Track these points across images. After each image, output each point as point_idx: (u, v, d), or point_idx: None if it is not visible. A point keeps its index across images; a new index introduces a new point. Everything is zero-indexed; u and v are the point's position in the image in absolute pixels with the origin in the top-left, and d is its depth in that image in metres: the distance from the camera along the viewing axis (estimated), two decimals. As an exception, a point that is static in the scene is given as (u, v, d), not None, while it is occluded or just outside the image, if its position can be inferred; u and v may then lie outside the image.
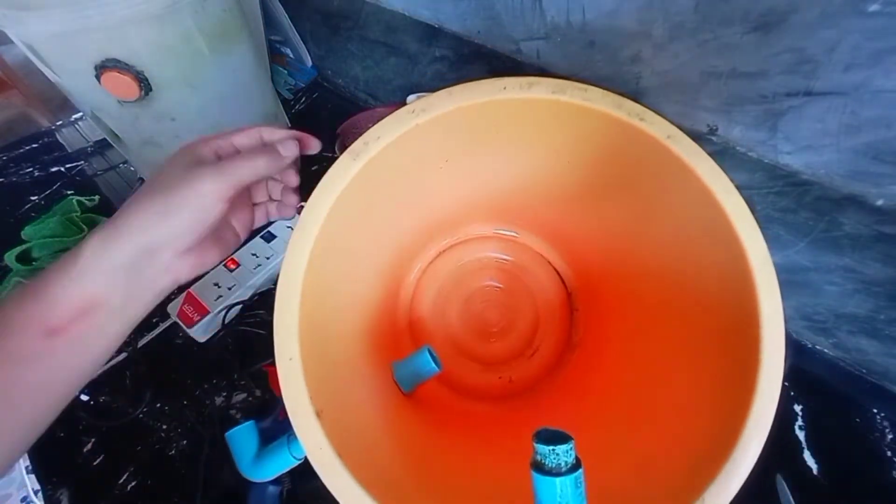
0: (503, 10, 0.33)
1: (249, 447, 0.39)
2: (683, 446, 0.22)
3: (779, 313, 0.21)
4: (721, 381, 0.23)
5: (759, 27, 0.23)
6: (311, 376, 0.24)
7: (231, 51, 0.54)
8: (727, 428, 0.20)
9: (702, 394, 0.24)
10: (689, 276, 0.26)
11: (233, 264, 0.52)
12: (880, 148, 0.23)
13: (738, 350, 0.22)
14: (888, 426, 0.41)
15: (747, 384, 0.21)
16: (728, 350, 0.23)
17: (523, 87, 0.27)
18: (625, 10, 0.27)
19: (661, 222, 0.27)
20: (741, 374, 0.21)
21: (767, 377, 0.21)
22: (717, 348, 0.24)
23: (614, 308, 0.38)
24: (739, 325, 0.22)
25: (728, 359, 0.23)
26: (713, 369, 0.24)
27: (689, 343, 0.26)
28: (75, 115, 0.78)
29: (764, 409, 0.20)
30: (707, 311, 0.25)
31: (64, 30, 0.41)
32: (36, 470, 0.44)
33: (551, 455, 0.21)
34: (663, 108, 0.30)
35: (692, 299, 0.26)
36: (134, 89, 0.47)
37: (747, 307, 0.21)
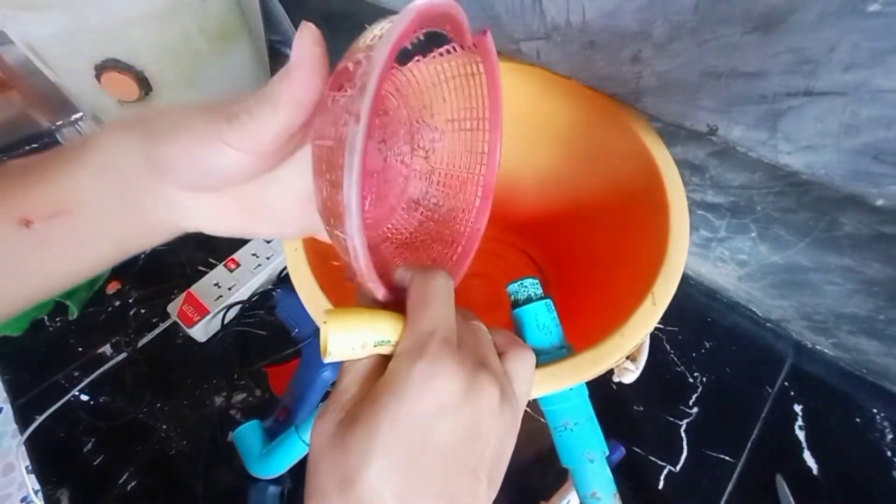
0: (503, 10, 0.33)
1: (256, 445, 0.39)
2: (633, 281, 0.30)
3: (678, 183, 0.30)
4: (648, 239, 0.30)
5: (759, 27, 0.23)
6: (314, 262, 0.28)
7: (231, 51, 0.54)
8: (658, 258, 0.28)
9: (639, 251, 0.31)
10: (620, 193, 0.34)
11: (233, 264, 0.52)
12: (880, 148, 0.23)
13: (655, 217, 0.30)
14: (888, 426, 0.41)
15: (664, 234, 0.29)
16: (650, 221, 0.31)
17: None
18: (625, 10, 0.27)
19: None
20: (660, 229, 0.29)
21: (676, 230, 0.28)
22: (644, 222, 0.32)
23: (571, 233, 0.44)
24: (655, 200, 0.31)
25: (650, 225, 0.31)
26: (643, 237, 0.31)
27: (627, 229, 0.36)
28: (75, 115, 0.78)
29: (678, 244, 0.28)
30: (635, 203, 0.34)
31: (64, 30, 0.41)
32: (36, 470, 0.44)
33: (521, 289, 0.27)
34: (663, 108, 0.30)
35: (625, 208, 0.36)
36: (134, 89, 0.47)
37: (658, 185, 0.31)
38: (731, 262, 0.46)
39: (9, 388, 0.49)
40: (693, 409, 0.43)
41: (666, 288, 0.26)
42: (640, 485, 0.40)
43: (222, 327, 0.50)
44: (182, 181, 0.20)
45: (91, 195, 0.20)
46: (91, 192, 0.20)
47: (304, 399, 0.41)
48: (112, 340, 0.51)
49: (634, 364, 0.41)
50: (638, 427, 0.42)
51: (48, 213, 0.19)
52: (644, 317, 0.26)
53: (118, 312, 0.53)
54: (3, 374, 0.49)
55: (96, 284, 0.55)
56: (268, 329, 0.50)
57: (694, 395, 0.44)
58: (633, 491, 0.40)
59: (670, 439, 0.42)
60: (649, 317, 0.26)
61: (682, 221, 0.29)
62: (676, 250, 0.28)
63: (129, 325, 0.52)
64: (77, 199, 0.20)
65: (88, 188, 0.20)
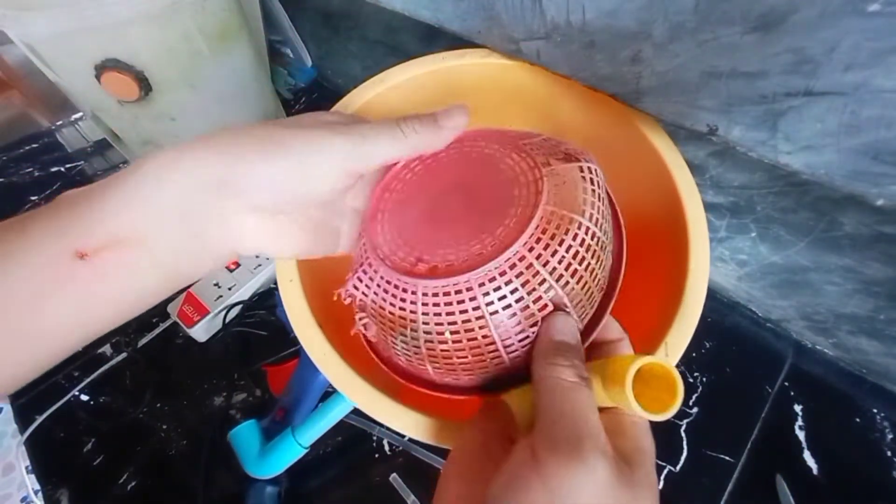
0: (503, 9, 0.33)
1: (253, 445, 0.39)
2: (646, 320, 0.27)
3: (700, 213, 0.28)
4: (665, 273, 0.28)
5: (759, 27, 0.23)
6: (311, 294, 0.27)
7: (231, 51, 0.53)
8: (674, 299, 0.26)
9: (653, 285, 0.29)
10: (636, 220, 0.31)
11: (233, 264, 0.52)
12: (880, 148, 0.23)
13: (674, 249, 0.28)
14: (888, 426, 0.41)
15: (682, 269, 0.26)
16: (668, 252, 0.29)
17: (457, 56, 0.36)
18: (625, 9, 0.27)
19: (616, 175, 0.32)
20: (679, 263, 0.27)
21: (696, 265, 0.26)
22: (662, 253, 0.30)
23: None
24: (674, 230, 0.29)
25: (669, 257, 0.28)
26: (661, 265, 0.29)
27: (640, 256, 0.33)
28: (75, 115, 0.78)
29: (696, 291, 0.26)
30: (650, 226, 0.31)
31: (64, 30, 0.41)
32: (36, 470, 0.44)
33: None
34: (663, 108, 0.30)
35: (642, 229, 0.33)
36: (134, 89, 0.47)
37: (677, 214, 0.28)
38: (731, 262, 0.46)
39: (9, 388, 0.49)
40: (693, 409, 0.43)
41: (681, 338, 0.24)
42: (640, 485, 0.40)
43: (222, 327, 0.50)
44: (259, 202, 0.20)
45: (150, 223, 0.19)
46: (150, 220, 0.19)
47: (302, 400, 0.41)
48: (112, 340, 0.51)
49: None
50: (638, 427, 0.42)
51: (104, 245, 0.18)
52: None
53: (118, 312, 0.53)
54: (3, 374, 0.49)
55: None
56: (268, 329, 0.50)
57: (694, 395, 0.44)
58: (633, 491, 0.40)
59: (670, 439, 0.42)
60: None
61: (702, 254, 0.26)
62: (694, 291, 0.25)
63: (129, 325, 0.51)
64: (135, 228, 0.19)
65: (147, 216, 0.19)
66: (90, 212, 0.18)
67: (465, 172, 0.22)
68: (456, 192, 0.21)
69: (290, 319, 0.26)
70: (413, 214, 0.21)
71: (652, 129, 0.31)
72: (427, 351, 0.20)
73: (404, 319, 0.20)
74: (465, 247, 0.19)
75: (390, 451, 0.42)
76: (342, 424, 0.39)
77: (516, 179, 0.21)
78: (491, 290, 0.18)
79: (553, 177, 0.20)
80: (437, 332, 0.19)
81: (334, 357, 0.25)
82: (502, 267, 0.18)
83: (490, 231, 0.19)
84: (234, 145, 0.19)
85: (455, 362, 0.20)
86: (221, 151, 0.19)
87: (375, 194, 0.23)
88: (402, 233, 0.21)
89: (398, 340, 0.21)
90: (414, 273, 0.19)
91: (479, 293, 0.18)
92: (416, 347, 0.20)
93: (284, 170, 0.19)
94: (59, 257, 0.18)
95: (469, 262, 0.19)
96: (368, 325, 0.22)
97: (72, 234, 0.18)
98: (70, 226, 0.18)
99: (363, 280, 0.21)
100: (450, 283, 0.18)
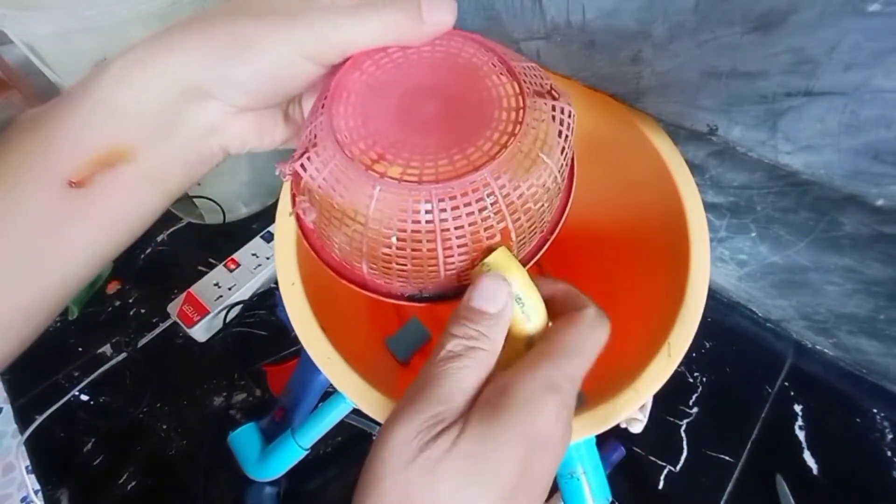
0: (503, 9, 0.33)
1: (253, 448, 0.39)
2: (648, 322, 0.27)
3: (702, 225, 0.28)
4: (666, 273, 0.28)
5: (759, 27, 0.23)
6: (313, 298, 0.26)
7: (231, 51, 0.54)
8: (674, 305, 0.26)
9: (655, 285, 0.29)
10: (636, 220, 0.31)
11: (233, 264, 0.52)
12: (880, 148, 0.23)
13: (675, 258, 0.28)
14: (888, 426, 0.41)
15: (683, 269, 0.26)
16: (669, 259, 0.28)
17: None
18: (625, 9, 0.27)
19: (615, 182, 0.32)
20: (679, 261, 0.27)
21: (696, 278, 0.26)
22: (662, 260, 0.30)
23: (579, 260, 0.41)
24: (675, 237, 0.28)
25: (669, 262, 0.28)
26: (662, 265, 0.29)
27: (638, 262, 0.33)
28: (75, 115, 0.78)
29: (697, 291, 0.26)
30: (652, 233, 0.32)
31: (64, 30, 0.41)
32: (36, 470, 0.44)
33: None
34: (663, 108, 0.30)
35: (638, 236, 0.33)
36: (134, 89, 0.47)
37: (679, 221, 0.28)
38: (731, 262, 0.46)
39: (9, 388, 0.49)
40: (693, 409, 0.43)
41: (683, 338, 0.25)
42: (640, 485, 0.40)
43: (223, 327, 0.50)
44: (237, 102, 0.19)
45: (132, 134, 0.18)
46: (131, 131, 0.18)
47: (302, 400, 0.41)
48: (112, 340, 0.51)
49: (642, 412, 0.41)
50: (638, 427, 0.42)
51: (91, 167, 0.17)
52: (659, 370, 0.24)
53: (118, 312, 0.53)
54: (3, 374, 0.49)
55: (96, 284, 0.55)
56: (268, 329, 0.50)
57: (694, 395, 0.44)
58: (633, 491, 0.40)
59: (670, 439, 0.42)
60: (664, 370, 0.24)
61: (703, 255, 0.27)
62: (696, 291, 0.25)
63: (129, 325, 0.52)
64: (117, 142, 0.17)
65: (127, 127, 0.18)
66: (65, 133, 0.17)
67: (448, 76, 0.21)
68: (435, 95, 0.20)
69: (293, 323, 0.26)
70: (383, 105, 0.20)
71: (652, 129, 0.31)
72: (368, 250, 0.19)
73: (352, 215, 0.19)
74: (431, 157, 0.19)
75: (390, 451, 0.42)
76: (342, 424, 0.39)
77: (500, 101, 0.20)
78: (449, 207, 0.18)
79: (534, 111, 0.20)
80: (383, 236, 0.19)
81: (339, 362, 0.25)
82: (465, 188, 0.18)
83: (461, 148, 0.19)
84: (204, 42, 0.18)
85: (393, 267, 0.20)
86: (192, 50, 0.17)
87: (344, 68, 0.20)
88: (367, 122, 0.19)
89: (339, 233, 0.20)
90: (373, 170, 0.18)
91: (436, 207, 0.18)
92: (357, 245, 0.20)
93: (257, 70, 0.18)
94: (51, 191, 0.17)
95: (434, 174, 0.18)
96: (308, 210, 0.21)
97: (54, 162, 0.17)
98: (49, 153, 0.17)
99: (314, 162, 0.19)
100: (408, 190, 0.18)
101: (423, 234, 0.18)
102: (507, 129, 0.19)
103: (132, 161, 0.18)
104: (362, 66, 0.20)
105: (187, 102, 0.18)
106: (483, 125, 0.19)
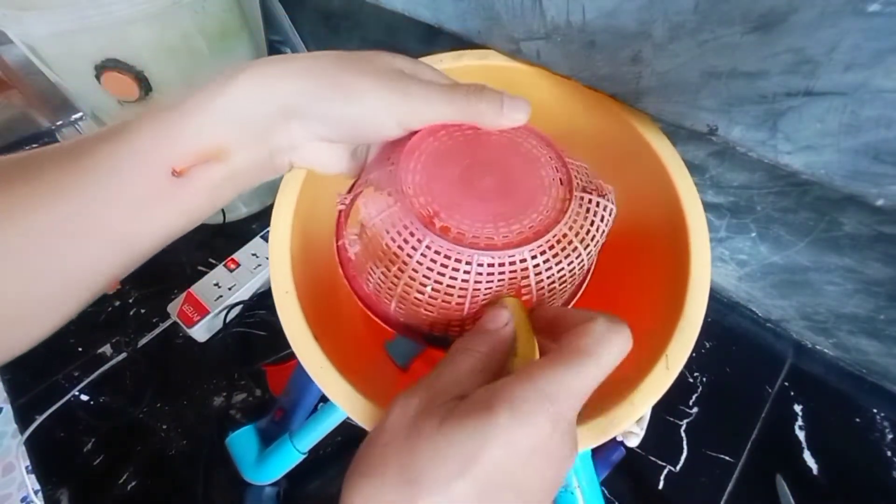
0: (503, 9, 0.33)
1: (251, 451, 0.39)
2: (645, 331, 0.27)
3: (703, 224, 0.28)
4: (666, 282, 0.28)
5: (759, 27, 0.23)
6: (307, 305, 0.26)
7: (231, 51, 0.53)
8: (674, 311, 0.26)
9: (653, 295, 0.29)
10: (635, 227, 0.31)
11: (233, 264, 0.52)
12: (880, 148, 0.23)
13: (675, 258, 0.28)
14: (888, 426, 0.41)
15: (683, 279, 0.26)
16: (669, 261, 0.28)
17: (455, 58, 0.35)
18: (625, 9, 0.27)
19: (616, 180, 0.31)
20: (680, 274, 0.27)
21: (697, 280, 0.26)
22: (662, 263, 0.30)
23: None
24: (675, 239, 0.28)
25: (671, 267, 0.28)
26: (661, 274, 0.29)
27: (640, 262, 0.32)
28: (75, 115, 0.78)
29: (697, 302, 0.26)
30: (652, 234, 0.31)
31: (64, 30, 0.41)
32: (36, 470, 0.44)
33: None
34: (663, 108, 0.30)
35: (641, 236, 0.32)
36: (134, 89, 0.47)
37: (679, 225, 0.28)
38: (731, 262, 0.46)
39: (9, 388, 0.49)
40: (693, 409, 0.43)
41: (681, 350, 0.24)
42: (640, 485, 0.40)
43: (223, 327, 0.50)
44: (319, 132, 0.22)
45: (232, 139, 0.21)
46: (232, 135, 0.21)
47: (301, 400, 0.41)
48: (112, 340, 0.51)
49: (639, 425, 0.40)
50: (638, 427, 0.42)
51: (193, 160, 0.20)
52: (656, 383, 0.24)
53: (118, 312, 0.53)
54: (3, 374, 0.49)
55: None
56: (268, 329, 0.50)
57: (694, 395, 0.44)
58: (633, 491, 0.40)
59: (670, 439, 0.42)
60: (661, 383, 0.24)
61: (703, 265, 0.26)
62: (695, 301, 0.25)
63: (129, 325, 0.52)
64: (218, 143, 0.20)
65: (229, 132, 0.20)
66: (181, 130, 0.20)
67: (510, 159, 0.23)
68: (494, 171, 0.23)
69: (286, 332, 0.26)
70: (447, 170, 0.22)
71: (653, 133, 0.31)
72: (401, 292, 0.21)
73: (396, 258, 0.21)
74: (479, 225, 0.21)
75: (390, 451, 0.42)
76: (342, 425, 0.39)
77: (550, 189, 0.22)
78: (485, 273, 0.20)
79: (577, 202, 0.22)
80: (420, 283, 0.21)
81: (332, 371, 0.24)
82: (504, 259, 0.20)
83: (507, 222, 0.21)
84: (310, 78, 0.21)
85: (421, 311, 0.22)
86: (298, 81, 0.21)
87: (422, 132, 0.23)
88: (430, 181, 0.22)
89: (378, 271, 0.22)
90: (427, 224, 0.20)
91: (473, 269, 0.20)
92: (392, 285, 0.22)
93: (346, 114, 0.21)
94: (158, 174, 0.19)
95: (477, 240, 0.20)
96: (354, 242, 0.23)
97: (166, 151, 0.20)
98: (165, 143, 0.20)
99: (376, 202, 0.22)
100: (454, 249, 0.20)
101: (455, 290, 0.20)
102: (550, 216, 0.21)
103: (224, 160, 0.21)
104: (437, 133, 0.23)
105: (282, 121, 0.21)
106: (532, 206, 0.21)
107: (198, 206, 0.21)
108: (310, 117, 0.21)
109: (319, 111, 0.21)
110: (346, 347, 0.26)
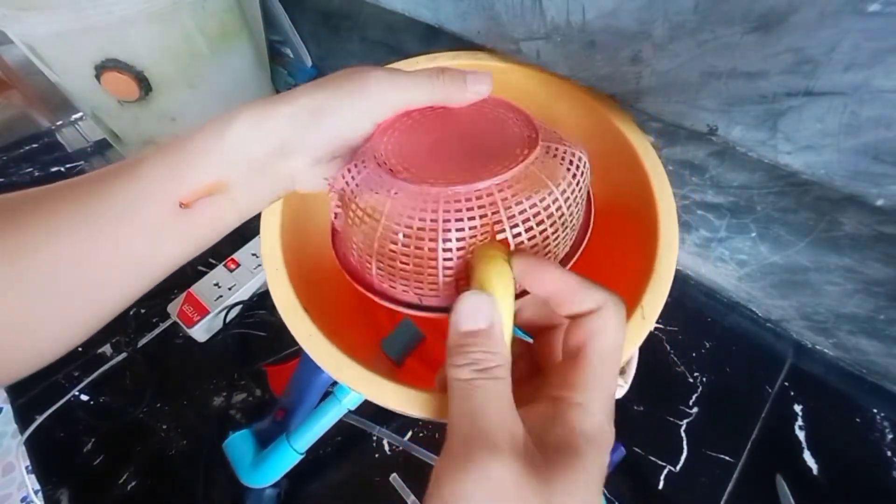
0: (503, 9, 0.33)
1: (247, 454, 0.39)
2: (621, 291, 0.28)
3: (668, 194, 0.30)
4: (639, 245, 0.30)
5: (759, 27, 0.23)
6: (296, 281, 0.28)
7: (231, 51, 0.54)
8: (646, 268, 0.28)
9: (628, 257, 0.31)
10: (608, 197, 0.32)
11: (233, 264, 0.52)
12: (880, 148, 0.23)
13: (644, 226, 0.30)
14: (888, 426, 0.41)
15: (652, 240, 0.28)
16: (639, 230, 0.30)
17: (450, 57, 0.37)
18: (625, 9, 0.27)
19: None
20: (649, 234, 0.29)
21: (666, 242, 0.28)
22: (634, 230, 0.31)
23: None
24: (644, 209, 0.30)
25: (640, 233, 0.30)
26: (634, 238, 0.31)
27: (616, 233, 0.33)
28: (75, 115, 0.78)
29: (667, 260, 0.27)
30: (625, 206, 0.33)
31: (64, 30, 0.41)
32: (36, 470, 0.44)
33: None
34: (663, 108, 0.30)
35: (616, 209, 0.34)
36: (134, 89, 0.47)
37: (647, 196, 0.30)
38: (731, 262, 0.46)
39: (9, 388, 0.49)
40: (693, 409, 0.43)
41: (655, 301, 0.26)
42: (640, 485, 0.40)
43: (223, 327, 0.50)
44: (316, 156, 0.24)
45: (234, 174, 0.23)
46: (234, 171, 0.23)
47: (302, 400, 0.41)
48: (112, 340, 0.51)
49: (623, 378, 0.41)
50: (638, 427, 0.42)
51: (199, 193, 0.22)
52: (634, 332, 0.25)
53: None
54: (3, 374, 0.49)
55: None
56: (268, 329, 0.50)
57: (694, 395, 0.44)
58: (633, 491, 0.40)
59: (670, 439, 0.42)
60: (639, 332, 0.25)
61: (671, 228, 0.28)
62: (665, 259, 0.27)
63: (129, 325, 0.52)
64: (221, 178, 0.22)
65: (232, 168, 0.23)
66: (188, 166, 0.22)
67: (479, 126, 0.25)
68: (465, 139, 0.24)
69: (276, 304, 0.28)
70: (418, 140, 0.24)
71: (625, 123, 0.33)
72: (378, 247, 0.22)
73: (371, 213, 0.22)
74: (448, 175, 0.21)
75: (390, 451, 0.42)
76: (342, 424, 0.39)
77: (517, 141, 0.23)
78: (453, 209, 0.20)
79: (543, 149, 0.23)
80: (392, 231, 0.21)
81: (319, 337, 0.26)
82: (470, 194, 0.21)
83: (474, 171, 0.22)
84: (295, 111, 0.23)
85: (396, 266, 0.22)
86: (285, 118, 0.23)
87: (395, 115, 0.25)
88: (402, 149, 0.23)
89: (358, 231, 0.23)
90: (395, 176, 0.21)
91: (441, 207, 0.20)
92: (369, 241, 0.22)
93: (328, 132, 0.23)
94: (167, 207, 0.22)
95: (444, 181, 0.21)
96: (339, 214, 0.25)
97: (175, 185, 0.22)
98: (173, 178, 0.22)
99: (351, 171, 0.23)
100: (421, 190, 0.21)
101: (426, 232, 0.20)
102: (517, 158, 0.22)
103: (227, 192, 0.23)
104: (410, 114, 0.25)
105: (280, 156, 0.23)
106: (499, 159, 0.22)
107: (204, 234, 0.24)
108: (300, 147, 0.23)
109: (305, 140, 0.23)
110: (333, 320, 0.27)
